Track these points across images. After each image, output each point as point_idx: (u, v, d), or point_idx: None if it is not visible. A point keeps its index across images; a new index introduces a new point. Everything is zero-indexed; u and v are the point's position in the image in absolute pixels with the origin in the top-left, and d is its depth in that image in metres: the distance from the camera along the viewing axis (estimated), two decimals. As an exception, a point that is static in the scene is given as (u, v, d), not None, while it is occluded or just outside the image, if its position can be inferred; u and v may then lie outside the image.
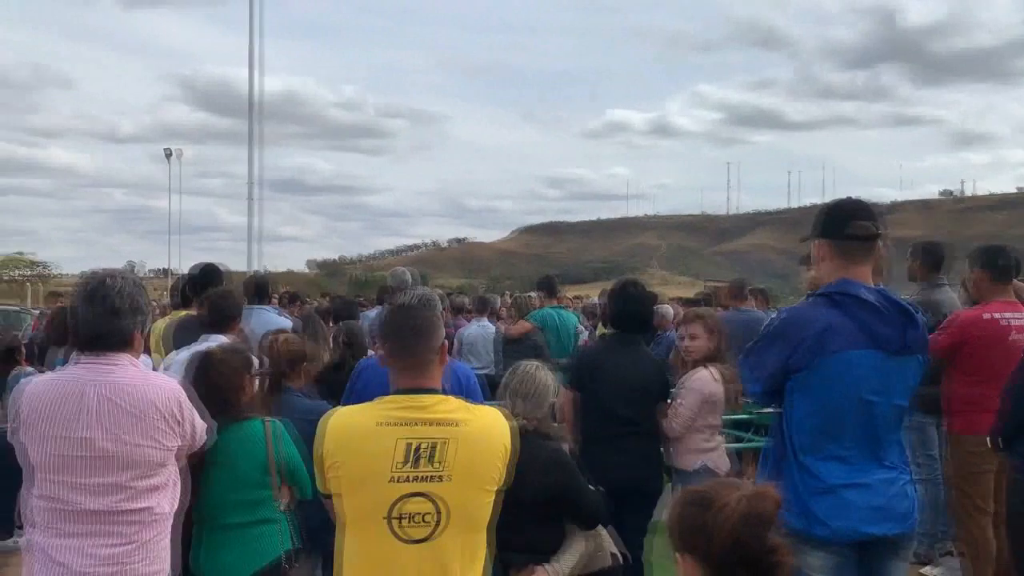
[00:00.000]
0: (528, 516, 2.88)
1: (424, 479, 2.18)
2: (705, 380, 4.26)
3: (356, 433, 2.25)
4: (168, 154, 33.76)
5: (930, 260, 5.18)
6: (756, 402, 3.38)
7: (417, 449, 2.18)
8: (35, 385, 2.61)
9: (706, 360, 4.35)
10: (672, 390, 4.43)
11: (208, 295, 4.34)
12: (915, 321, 2.67)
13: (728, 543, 1.53)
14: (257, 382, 3.47)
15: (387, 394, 2.31)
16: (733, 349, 4.68)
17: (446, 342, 2.40)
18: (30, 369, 5.99)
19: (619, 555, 3.45)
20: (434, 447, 2.19)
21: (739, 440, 6.95)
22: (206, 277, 4.97)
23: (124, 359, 2.59)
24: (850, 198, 2.87)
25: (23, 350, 6.39)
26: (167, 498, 2.64)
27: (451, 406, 2.28)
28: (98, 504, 2.49)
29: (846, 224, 2.71)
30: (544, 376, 3.40)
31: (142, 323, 2.68)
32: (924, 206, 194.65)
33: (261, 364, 3.66)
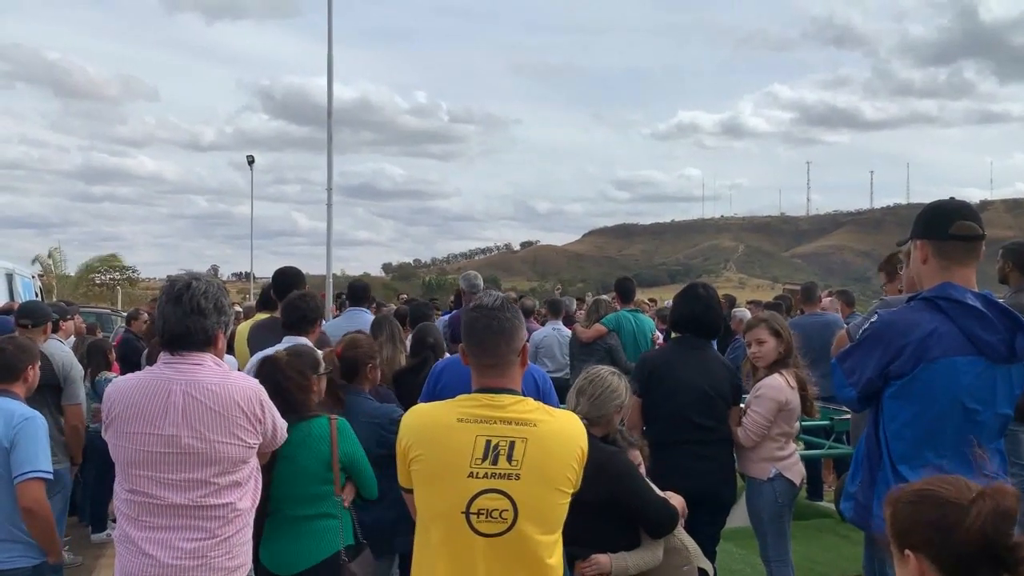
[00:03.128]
0: (590, 516, 2.87)
1: (501, 476, 2.19)
2: (779, 386, 4.13)
3: (437, 428, 2.27)
4: (250, 161, 34.63)
5: (1021, 261, 4.96)
6: (850, 407, 3.28)
7: (496, 446, 2.20)
8: (122, 383, 2.69)
9: (777, 365, 4.22)
10: (745, 396, 4.32)
11: (288, 298, 4.43)
12: (1023, 329, 2.56)
13: (977, 539, 1.51)
14: (325, 382, 3.52)
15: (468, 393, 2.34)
16: (806, 354, 4.57)
17: (527, 344, 2.40)
18: (113, 375, 6.25)
19: (708, 570, 3.39)
20: (512, 445, 2.20)
21: (818, 447, 6.80)
22: (288, 280, 5.09)
23: (208, 358, 2.65)
24: (952, 198, 2.75)
25: (113, 353, 6.65)
26: (248, 494, 2.70)
27: (529, 406, 2.29)
28: (182, 499, 2.56)
29: (950, 224, 2.60)
30: (614, 380, 3.36)
31: (225, 324, 2.76)
32: (1015, 205, 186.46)
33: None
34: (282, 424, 2.85)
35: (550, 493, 2.24)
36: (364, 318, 6.05)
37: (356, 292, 7.06)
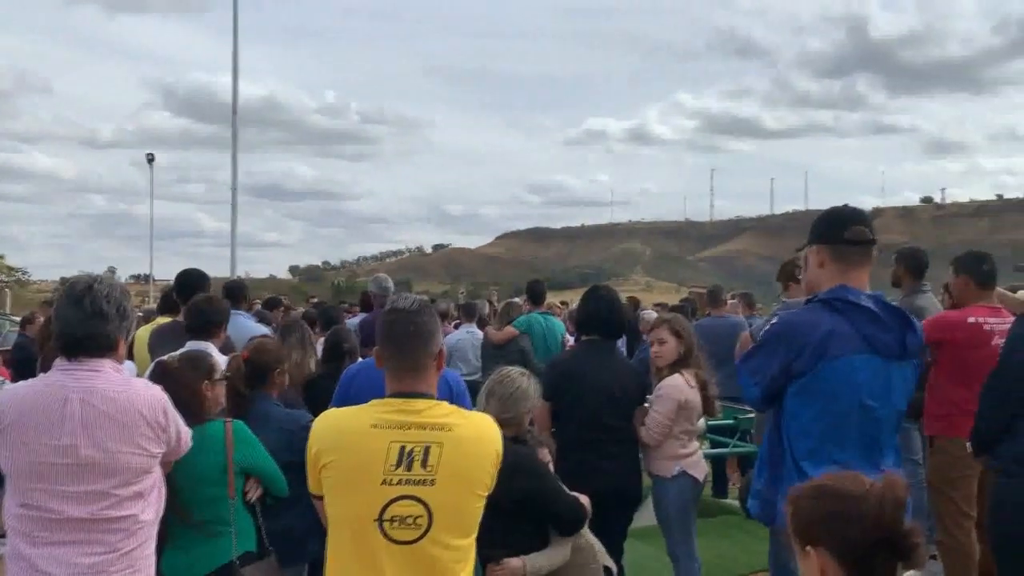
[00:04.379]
0: (503, 517, 2.88)
1: (415, 482, 2.17)
2: (679, 386, 4.24)
3: (349, 434, 2.24)
4: (150, 159, 33.47)
5: (913, 266, 5.24)
6: (755, 407, 3.38)
7: (410, 452, 2.18)
8: (13, 390, 2.57)
9: (677, 365, 4.33)
10: (649, 396, 4.42)
11: (193, 301, 4.30)
12: (913, 327, 2.70)
13: (872, 528, 1.59)
14: (224, 388, 3.42)
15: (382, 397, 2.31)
16: (710, 355, 4.70)
17: (444, 348, 2.39)
18: (2, 379, 5.92)
19: (612, 568, 3.45)
20: (427, 450, 2.19)
21: (723, 445, 6.99)
22: (191, 282, 4.93)
23: (107, 365, 2.55)
24: (846, 205, 2.90)
25: (0, 357, 6.31)
26: (151, 506, 2.60)
27: (444, 410, 2.27)
28: (81, 512, 2.44)
29: (844, 229, 2.73)
30: (523, 381, 3.40)
31: (127, 329, 2.65)
32: (905, 212, 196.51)
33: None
34: (187, 431, 2.76)
35: (466, 497, 2.24)
36: (239, 322, 5.32)
37: (231, 292, 6.11)
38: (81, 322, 2.52)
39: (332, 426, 2.30)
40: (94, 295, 2.55)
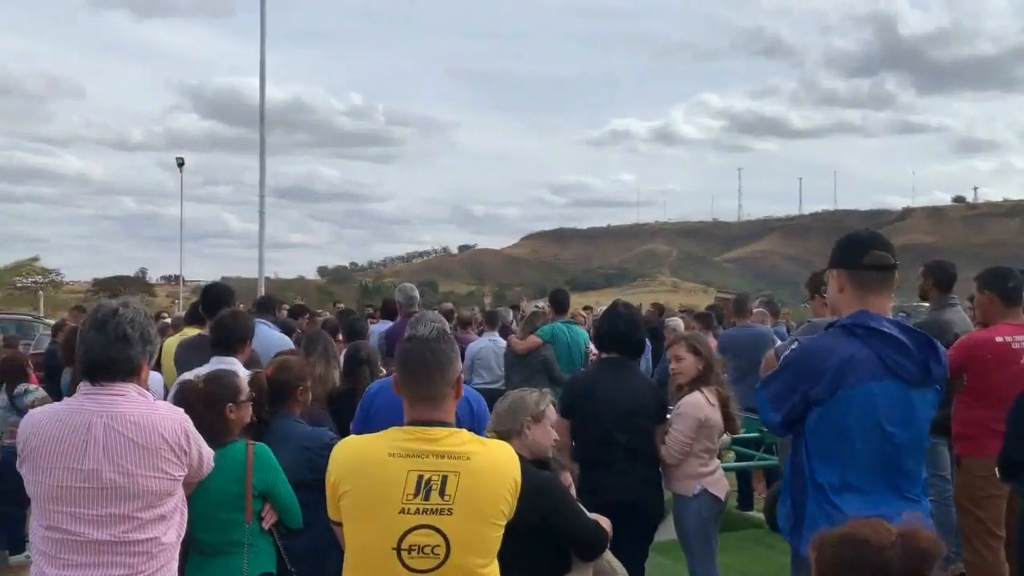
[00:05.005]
0: (522, 541, 2.87)
1: (433, 511, 2.18)
2: (699, 404, 4.21)
3: (367, 463, 2.25)
4: (180, 163, 33.84)
5: (941, 279, 5.16)
6: (774, 433, 3.35)
7: (428, 481, 2.19)
8: (38, 415, 2.61)
9: (697, 382, 4.29)
10: (669, 415, 4.39)
11: (218, 316, 4.33)
12: (937, 353, 2.66)
13: None
14: (249, 409, 3.43)
15: (401, 420, 2.32)
16: (735, 366, 4.69)
17: (461, 375, 2.39)
18: (32, 387, 6.00)
19: None
20: (445, 479, 2.19)
21: (748, 458, 6.94)
22: (217, 297, 4.98)
23: (130, 389, 2.58)
24: (866, 229, 2.87)
25: (30, 364, 6.38)
26: (173, 528, 2.63)
27: (462, 439, 2.28)
28: (104, 535, 2.48)
29: (863, 254, 2.69)
30: (525, 394, 3.38)
31: (150, 353, 2.69)
32: (934, 212, 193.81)
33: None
34: (208, 453, 2.79)
35: (483, 526, 2.24)
36: (263, 332, 5.17)
37: (262, 305, 6.57)
38: (104, 347, 2.55)
39: (350, 455, 2.31)
40: (118, 320, 2.58)
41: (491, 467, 2.27)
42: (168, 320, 10.38)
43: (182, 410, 2.77)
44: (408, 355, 2.34)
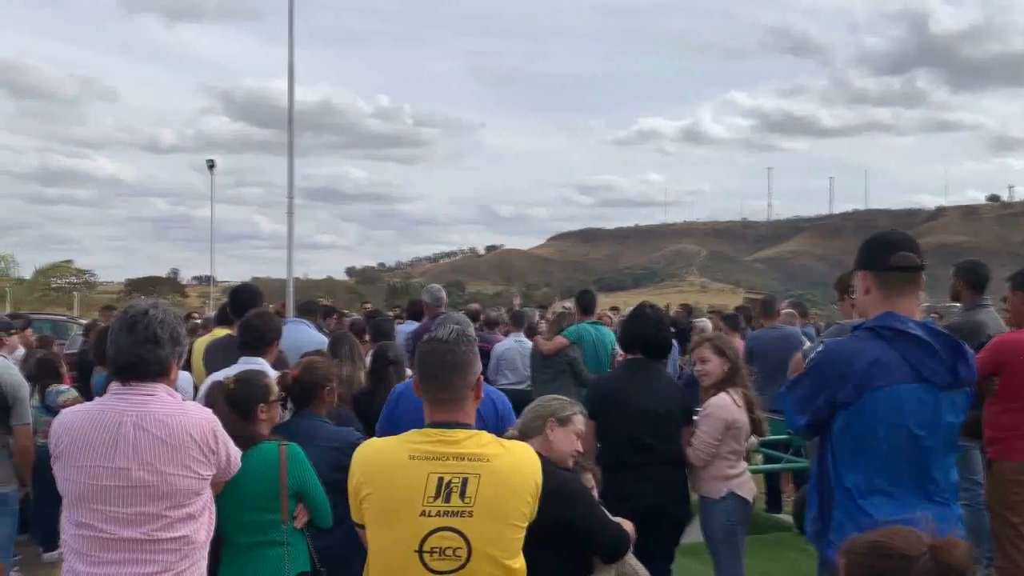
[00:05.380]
0: (543, 543, 2.86)
1: (454, 514, 2.19)
2: (726, 406, 4.17)
3: (388, 465, 2.26)
4: (210, 165, 34.24)
5: (973, 280, 5.08)
6: (801, 436, 3.32)
7: (448, 484, 2.19)
8: (70, 415, 2.65)
9: (723, 384, 4.26)
10: (696, 417, 4.36)
11: (245, 317, 4.37)
12: (965, 356, 2.62)
13: None
14: (279, 409, 3.47)
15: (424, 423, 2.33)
16: (763, 367, 4.63)
17: (481, 376, 2.39)
18: (64, 387, 6.09)
19: None
20: (465, 482, 2.20)
21: (776, 460, 6.87)
22: (245, 298, 5.02)
23: (160, 389, 2.62)
24: (893, 230, 2.83)
25: (63, 365, 6.48)
26: (203, 527, 2.66)
27: (483, 440, 2.28)
28: (134, 533, 2.52)
29: (890, 255, 2.66)
30: (553, 401, 3.36)
31: (180, 354, 2.72)
32: (968, 212, 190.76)
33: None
34: (236, 453, 2.83)
35: (504, 528, 2.24)
36: (302, 331, 5.93)
37: (304, 309, 7.14)
38: (134, 347, 2.59)
39: (371, 458, 2.33)
40: (148, 321, 2.62)
41: (512, 469, 2.27)
42: (199, 321, 10.49)
43: (211, 410, 2.80)
44: (427, 357, 2.35)
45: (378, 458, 2.31)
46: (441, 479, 2.20)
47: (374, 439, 2.49)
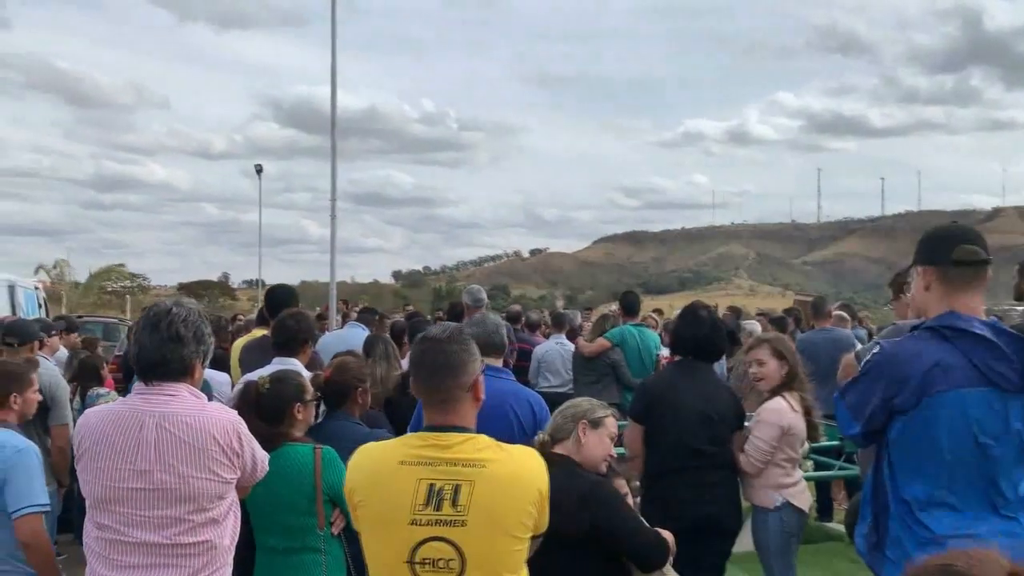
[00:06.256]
0: (572, 550, 2.73)
1: (445, 523, 2.06)
2: (782, 411, 3.98)
3: (378, 472, 2.17)
4: (258, 170, 34.70)
5: (1039, 279, 4.79)
6: (855, 444, 3.12)
7: (440, 491, 2.07)
8: (92, 415, 2.60)
9: (780, 388, 4.06)
10: (747, 422, 4.17)
11: (279, 318, 4.32)
12: None
13: None
14: (313, 409, 3.40)
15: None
16: (813, 371, 4.39)
17: (480, 378, 2.24)
18: (104, 391, 6.12)
19: None
20: (457, 489, 2.07)
21: (828, 467, 6.63)
22: (279, 299, 4.98)
23: (183, 389, 2.55)
24: (954, 222, 2.65)
25: (105, 367, 6.51)
26: (227, 531, 2.59)
27: (479, 444, 2.14)
28: (156, 537, 2.45)
29: (952, 249, 2.47)
30: (583, 402, 3.24)
31: (204, 353, 2.65)
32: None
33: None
34: (262, 456, 2.74)
35: (501, 539, 2.09)
36: (357, 333, 6.11)
37: (363, 314, 7.40)
38: (158, 346, 2.53)
39: (362, 463, 2.23)
40: (171, 319, 2.55)
41: (511, 476, 2.13)
42: (241, 322, 10.56)
43: (235, 412, 2.73)
44: (419, 357, 2.25)
45: (369, 463, 2.21)
46: (432, 486, 2.08)
47: (370, 443, 2.38)
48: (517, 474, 2.14)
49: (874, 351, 2.55)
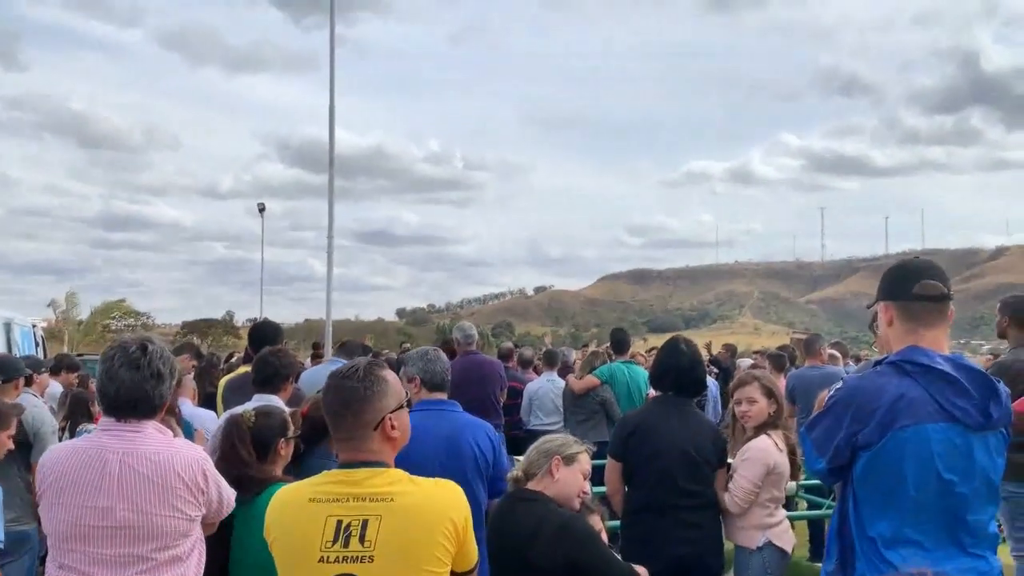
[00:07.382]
0: None
1: (353, 559, 2.04)
2: (768, 449, 3.92)
3: (289, 510, 2.17)
4: (261, 209, 34.90)
5: (1020, 317, 4.78)
6: (821, 481, 3.09)
7: (347, 527, 2.06)
8: (56, 451, 2.59)
9: (765, 426, 4.02)
10: (730, 460, 4.12)
11: (260, 354, 4.32)
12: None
13: None
14: (293, 446, 3.38)
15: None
16: (804, 407, 4.39)
17: (389, 417, 2.20)
18: (92, 427, 6.10)
19: None
20: (365, 524, 2.06)
21: (819, 506, 6.56)
22: (263, 335, 4.98)
23: (150, 426, 2.54)
24: (916, 257, 2.66)
25: (95, 403, 6.49)
26: (191, 569, 2.56)
27: (388, 479, 2.13)
28: (117, 575, 2.43)
29: (913, 284, 2.47)
30: (558, 437, 3.23)
31: (172, 389, 2.67)
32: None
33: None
34: (229, 493, 2.71)
35: (412, 574, 2.07)
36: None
37: (343, 345, 7.05)
38: (139, 383, 2.51)
39: (275, 503, 2.23)
40: (150, 357, 2.55)
41: (419, 508, 2.10)
42: (233, 360, 10.56)
43: (202, 448, 2.72)
44: (326, 394, 2.25)
45: (282, 502, 2.21)
46: (340, 522, 2.06)
47: (289, 484, 2.36)
48: (425, 506, 2.11)
49: (837, 386, 2.54)
